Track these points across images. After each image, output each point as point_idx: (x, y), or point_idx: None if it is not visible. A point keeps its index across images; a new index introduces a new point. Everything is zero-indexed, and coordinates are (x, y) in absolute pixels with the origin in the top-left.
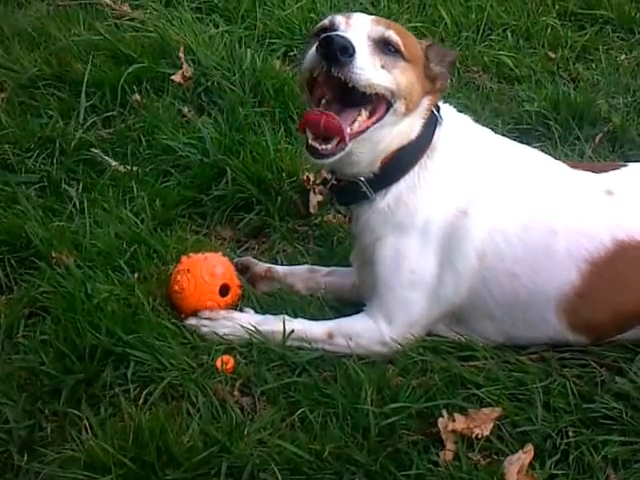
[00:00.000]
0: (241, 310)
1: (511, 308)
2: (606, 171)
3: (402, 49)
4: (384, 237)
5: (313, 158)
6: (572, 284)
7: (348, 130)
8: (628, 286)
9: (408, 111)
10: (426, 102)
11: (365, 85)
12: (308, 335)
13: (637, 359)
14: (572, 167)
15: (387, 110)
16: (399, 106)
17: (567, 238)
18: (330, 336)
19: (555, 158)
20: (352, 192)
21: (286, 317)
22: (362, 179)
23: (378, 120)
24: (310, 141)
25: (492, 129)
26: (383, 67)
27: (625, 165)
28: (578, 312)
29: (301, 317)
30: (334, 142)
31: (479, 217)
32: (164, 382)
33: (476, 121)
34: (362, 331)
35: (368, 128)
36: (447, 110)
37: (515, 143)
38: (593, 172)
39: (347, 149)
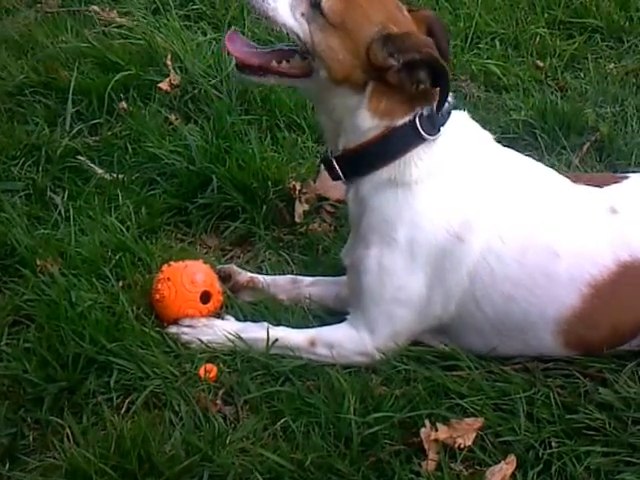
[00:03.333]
0: (222, 318)
1: (504, 327)
2: (608, 184)
3: (327, 12)
4: (370, 246)
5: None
6: (572, 307)
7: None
8: (627, 305)
9: (334, 80)
10: (370, 88)
11: (271, 21)
12: (290, 343)
13: (624, 371)
14: (574, 181)
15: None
16: (319, 68)
17: (569, 261)
18: (312, 344)
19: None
20: (331, 168)
21: (268, 325)
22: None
23: (294, 71)
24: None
25: None
26: (303, 15)
27: (626, 177)
28: (575, 332)
29: (284, 325)
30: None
31: (476, 243)
32: (147, 390)
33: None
34: (344, 341)
35: (286, 74)
36: (455, 124)
37: (515, 155)
38: (596, 185)
39: (260, 78)
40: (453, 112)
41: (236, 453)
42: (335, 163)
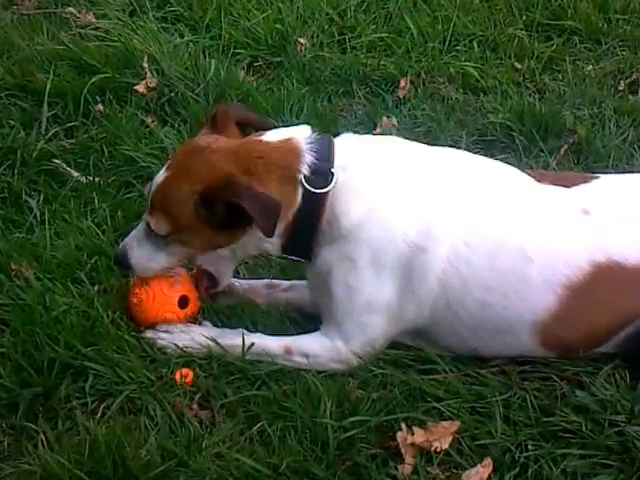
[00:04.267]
0: (200, 323)
1: (480, 329)
2: (577, 184)
3: (156, 231)
4: (334, 270)
5: None
6: (548, 309)
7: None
8: (603, 306)
9: (228, 244)
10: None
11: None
12: (266, 350)
13: (600, 373)
14: (539, 179)
15: None
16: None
17: (543, 264)
18: (288, 352)
19: (520, 170)
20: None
21: (244, 331)
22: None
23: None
24: None
25: (457, 141)
26: (157, 250)
27: (596, 177)
28: (552, 333)
29: (261, 331)
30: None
31: (440, 251)
32: (122, 395)
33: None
34: (319, 350)
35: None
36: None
37: (452, 153)
38: (564, 185)
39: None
40: (336, 142)
41: (212, 458)
42: (291, 257)
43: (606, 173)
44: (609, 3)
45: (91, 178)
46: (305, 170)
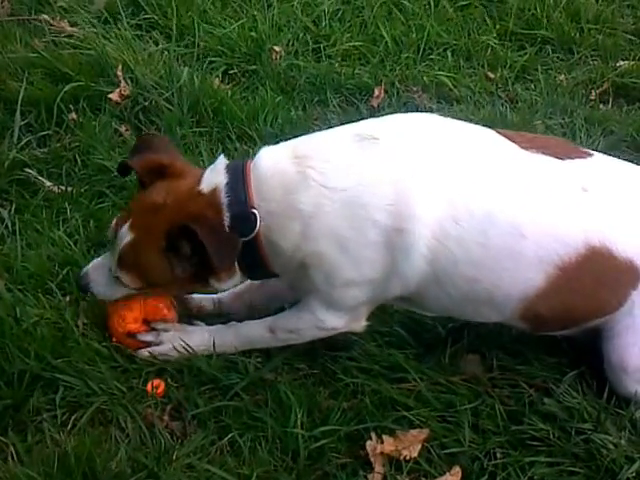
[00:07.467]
0: (191, 324)
1: (466, 303)
2: (570, 156)
3: (128, 285)
4: (309, 269)
5: None
6: (537, 287)
7: None
8: (585, 292)
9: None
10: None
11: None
12: (255, 334)
13: (565, 379)
14: (526, 146)
15: None
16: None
17: (538, 242)
18: (272, 331)
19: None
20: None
21: (233, 322)
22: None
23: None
24: None
25: None
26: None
27: (589, 152)
28: (533, 309)
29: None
30: None
31: (422, 229)
32: (93, 407)
33: None
34: (302, 324)
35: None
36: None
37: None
38: (556, 156)
39: None
40: (252, 171)
41: (182, 469)
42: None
43: None
44: (581, 13)
45: (64, 188)
46: (227, 222)
